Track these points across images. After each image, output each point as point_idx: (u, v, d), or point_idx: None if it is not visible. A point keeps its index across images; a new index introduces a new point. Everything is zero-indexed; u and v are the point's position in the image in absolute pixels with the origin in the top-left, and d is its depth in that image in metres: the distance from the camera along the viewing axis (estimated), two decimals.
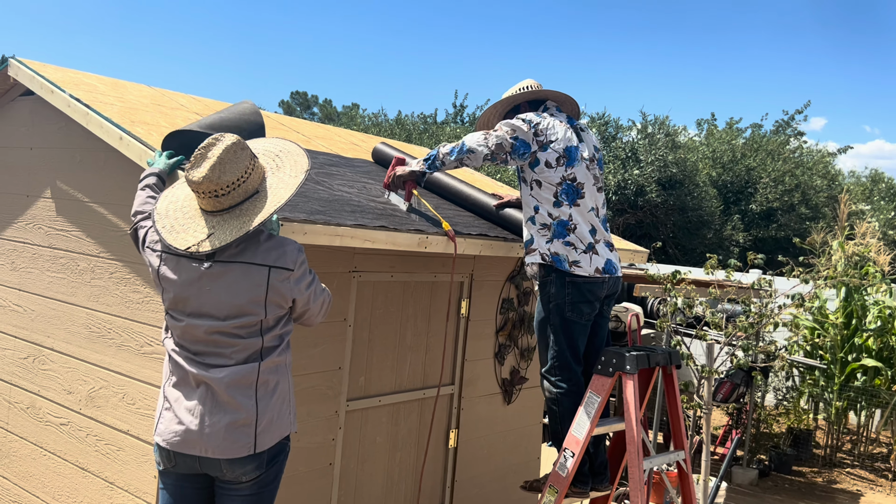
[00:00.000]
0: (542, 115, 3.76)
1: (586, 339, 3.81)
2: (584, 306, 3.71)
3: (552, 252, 3.67)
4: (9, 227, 4.33)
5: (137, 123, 3.55)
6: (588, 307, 3.73)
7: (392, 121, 22.56)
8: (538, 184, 3.70)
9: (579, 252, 3.69)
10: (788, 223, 18.29)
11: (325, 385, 3.77)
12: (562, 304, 3.69)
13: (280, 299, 2.63)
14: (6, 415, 4.24)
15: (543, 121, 3.72)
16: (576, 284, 3.67)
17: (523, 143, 3.65)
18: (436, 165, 3.74)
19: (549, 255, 3.68)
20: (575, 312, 3.69)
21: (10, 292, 4.29)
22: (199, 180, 2.51)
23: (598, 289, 3.74)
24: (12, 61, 4.07)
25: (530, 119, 3.70)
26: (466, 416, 4.58)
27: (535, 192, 3.72)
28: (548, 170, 3.68)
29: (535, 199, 3.72)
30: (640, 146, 16.62)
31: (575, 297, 3.68)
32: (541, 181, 3.69)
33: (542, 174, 3.69)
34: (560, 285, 3.67)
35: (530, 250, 3.74)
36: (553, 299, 3.69)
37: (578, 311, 3.70)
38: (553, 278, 3.68)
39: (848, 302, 8.58)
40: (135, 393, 3.51)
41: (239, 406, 2.57)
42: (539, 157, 3.68)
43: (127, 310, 3.58)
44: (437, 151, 3.73)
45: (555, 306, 3.70)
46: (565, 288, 3.67)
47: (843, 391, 8.54)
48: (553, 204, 3.69)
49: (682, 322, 6.63)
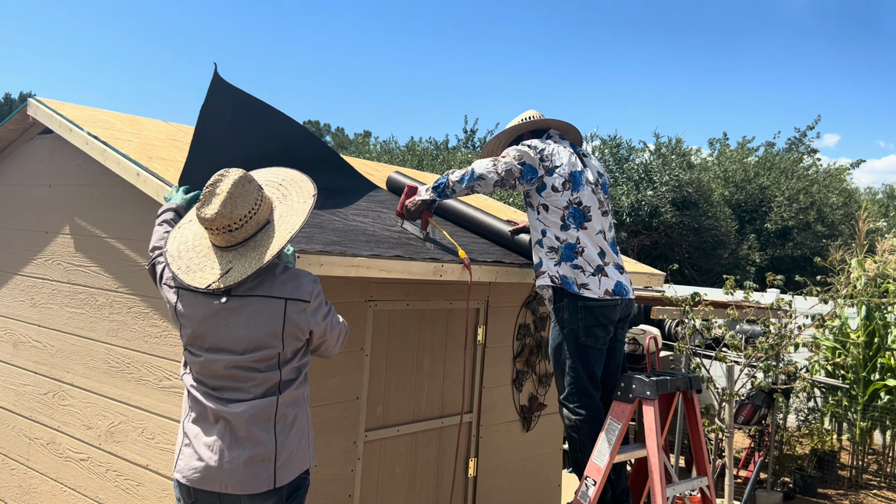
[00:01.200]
0: (547, 142, 3.83)
1: (603, 364, 3.79)
2: (598, 330, 3.70)
3: (560, 275, 3.69)
4: (29, 264, 4.37)
5: (154, 159, 3.59)
6: (602, 331, 3.71)
7: (404, 147, 22.69)
8: (545, 208, 3.74)
9: (587, 275, 3.69)
10: (805, 241, 18.15)
11: (343, 416, 3.76)
12: (576, 329, 3.68)
13: (297, 331, 2.63)
14: (27, 451, 4.25)
15: (548, 147, 3.79)
16: (589, 308, 3.67)
17: (530, 169, 3.71)
18: (446, 193, 3.77)
19: (557, 277, 3.69)
20: (590, 337, 3.68)
21: (30, 328, 4.33)
22: (212, 217, 2.53)
23: (612, 312, 3.73)
24: (31, 101, 4.14)
25: (535, 145, 3.77)
26: (485, 445, 4.55)
27: (542, 216, 3.76)
28: (554, 194, 3.72)
29: (542, 223, 3.76)
30: (654, 167, 16.60)
31: (588, 321, 3.67)
32: (548, 205, 3.73)
33: (549, 198, 3.73)
34: (573, 310, 3.67)
35: (540, 273, 3.76)
36: (567, 324, 3.69)
37: (593, 335, 3.69)
38: (566, 303, 3.68)
39: (869, 321, 8.48)
40: (154, 427, 3.51)
41: (258, 441, 2.57)
42: (545, 182, 3.73)
43: (145, 344, 3.60)
44: (446, 179, 3.76)
45: (569, 331, 3.69)
46: (578, 312, 3.67)
47: (866, 411, 8.41)
48: (560, 227, 3.72)
49: (701, 344, 6.58)
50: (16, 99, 47.63)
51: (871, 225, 12.66)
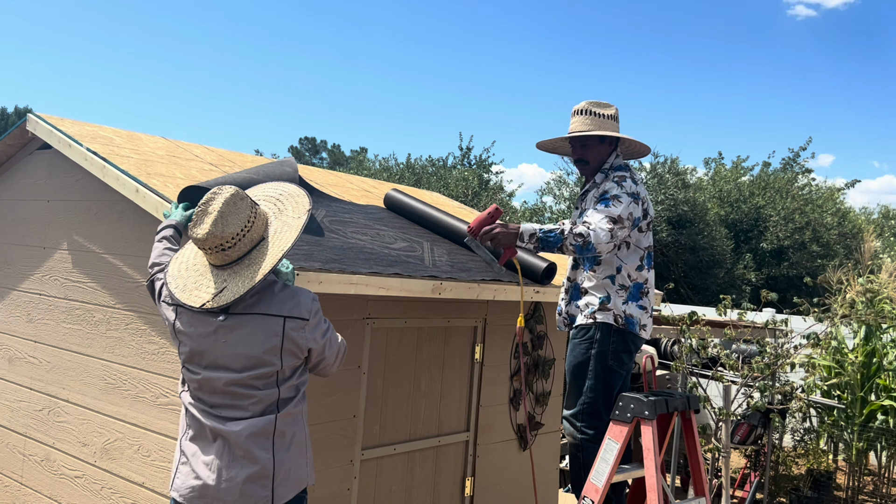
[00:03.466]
0: (637, 182, 3.64)
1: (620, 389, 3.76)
2: (625, 356, 3.65)
3: (627, 314, 3.60)
4: (26, 280, 4.36)
5: (153, 175, 3.59)
6: (628, 357, 3.68)
7: (402, 164, 22.74)
8: (626, 245, 3.62)
9: (648, 316, 3.68)
10: (800, 261, 18.20)
11: (340, 434, 3.75)
12: (605, 352, 3.61)
13: (295, 349, 2.62)
14: (21, 468, 4.22)
15: (641, 191, 3.64)
16: (621, 332, 3.61)
17: (636, 219, 3.57)
18: (551, 249, 3.43)
19: (623, 316, 3.59)
20: (617, 362, 3.63)
21: (25, 344, 4.31)
22: (203, 237, 2.53)
23: (639, 341, 3.71)
24: (31, 116, 4.14)
25: (635, 192, 3.57)
26: (482, 464, 4.53)
27: (622, 254, 3.62)
28: (640, 234, 3.64)
29: (620, 260, 3.62)
30: (650, 186, 16.67)
31: (619, 346, 3.62)
32: (630, 243, 3.62)
33: (634, 237, 3.62)
34: (605, 333, 3.60)
35: (604, 308, 3.60)
36: (596, 346, 3.61)
37: (620, 360, 3.64)
38: (599, 324, 3.61)
39: (868, 341, 8.49)
40: (150, 445, 3.49)
41: (256, 459, 2.55)
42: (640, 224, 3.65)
43: (142, 361, 3.58)
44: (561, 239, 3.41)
45: (597, 353, 3.61)
46: (611, 336, 3.60)
47: (863, 432, 8.40)
48: (637, 268, 3.64)
49: (698, 363, 6.58)
50: (11, 113, 47.61)
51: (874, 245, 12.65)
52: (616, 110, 3.75)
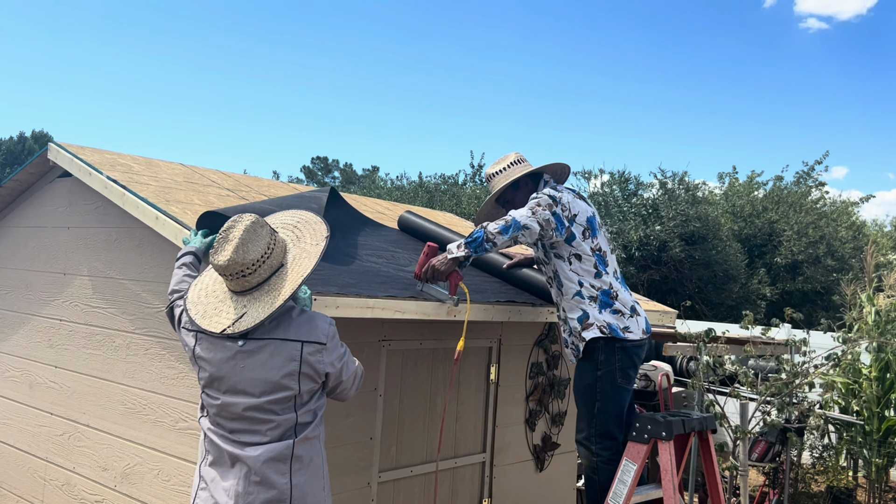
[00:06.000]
0: (559, 190, 3.74)
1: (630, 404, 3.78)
2: (631, 371, 3.70)
3: (606, 322, 3.65)
4: (47, 306, 4.42)
5: (172, 202, 3.65)
6: (634, 372, 3.72)
7: (414, 182, 22.83)
8: (577, 258, 3.69)
9: (627, 318, 3.70)
10: (815, 276, 18.08)
11: (357, 456, 3.76)
12: (613, 371, 3.63)
13: (313, 373, 2.65)
14: (41, 492, 4.26)
15: (563, 196, 3.70)
16: (625, 349, 3.65)
17: (559, 219, 3.63)
18: (484, 247, 3.48)
19: (605, 326, 3.64)
20: (625, 378, 3.66)
21: (46, 369, 4.36)
22: (224, 264, 2.57)
23: (642, 352, 3.75)
24: (52, 146, 4.22)
25: (554, 196, 3.65)
26: (499, 485, 4.53)
27: (576, 267, 3.68)
28: (583, 243, 3.69)
29: (577, 274, 3.68)
30: (661, 202, 16.65)
31: (625, 362, 3.65)
32: (580, 255, 3.69)
33: (579, 247, 3.69)
34: (610, 351, 3.63)
35: (587, 325, 3.65)
36: (603, 366, 3.63)
37: (627, 376, 3.67)
38: (601, 344, 3.63)
39: (881, 357, 8.43)
40: (170, 469, 3.52)
41: (273, 484, 2.58)
42: (573, 232, 3.68)
43: (162, 386, 3.62)
44: (483, 232, 3.48)
45: (605, 374, 3.63)
46: (615, 354, 3.63)
47: (881, 447, 8.32)
48: (594, 275, 3.69)
49: (715, 380, 6.55)
50: (28, 138, 48.16)
51: (881, 259, 12.58)
52: (515, 156, 3.92)
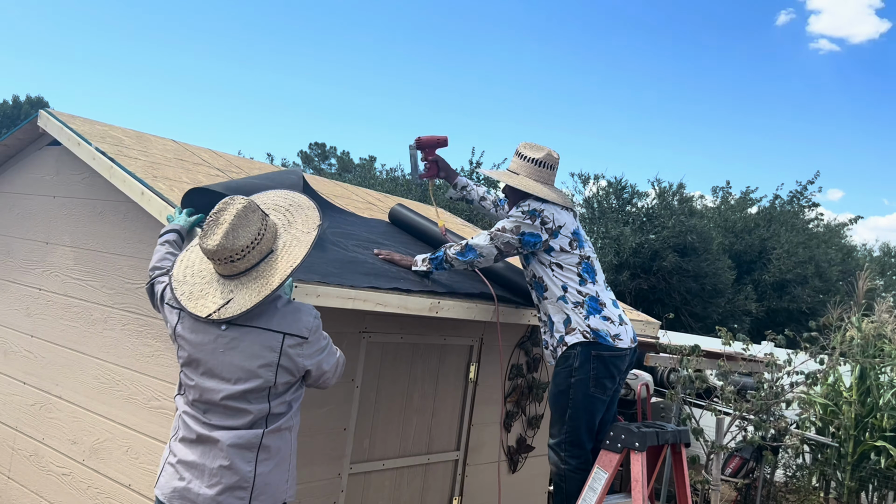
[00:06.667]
0: (544, 204, 3.73)
1: (602, 415, 3.75)
2: (607, 381, 3.65)
3: (593, 328, 3.62)
4: (27, 274, 4.38)
5: (160, 179, 3.61)
6: (611, 382, 3.68)
7: (409, 176, 22.79)
8: (559, 266, 3.69)
9: (617, 325, 3.68)
10: (801, 296, 18.14)
11: (330, 446, 3.74)
12: (585, 380, 3.61)
13: (292, 366, 2.62)
14: (9, 461, 4.22)
15: (546, 208, 3.70)
16: (602, 358, 3.61)
17: (532, 235, 3.65)
18: (443, 266, 3.75)
19: (589, 331, 3.61)
20: (598, 388, 3.62)
21: (22, 338, 4.32)
22: (213, 248, 2.53)
23: (622, 362, 3.70)
24: (42, 112, 4.17)
25: (533, 210, 3.68)
26: (470, 484, 4.51)
27: (558, 273, 3.69)
28: (564, 254, 3.69)
29: (561, 279, 3.68)
30: (656, 211, 16.67)
31: (600, 372, 3.62)
32: (561, 264, 3.69)
33: (560, 258, 3.69)
34: (584, 359, 3.60)
35: (570, 330, 3.64)
36: (576, 374, 3.61)
37: (602, 386, 3.64)
38: (578, 352, 3.61)
39: (864, 380, 8.46)
40: (139, 447, 3.49)
41: (237, 470, 2.56)
42: (552, 245, 3.68)
43: (137, 362, 3.59)
44: (443, 253, 3.74)
45: (578, 381, 3.61)
46: (590, 362, 3.60)
47: (855, 471, 8.36)
48: (579, 282, 3.68)
49: (692, 393, 6.56)
50: (24, 102, 47.75)
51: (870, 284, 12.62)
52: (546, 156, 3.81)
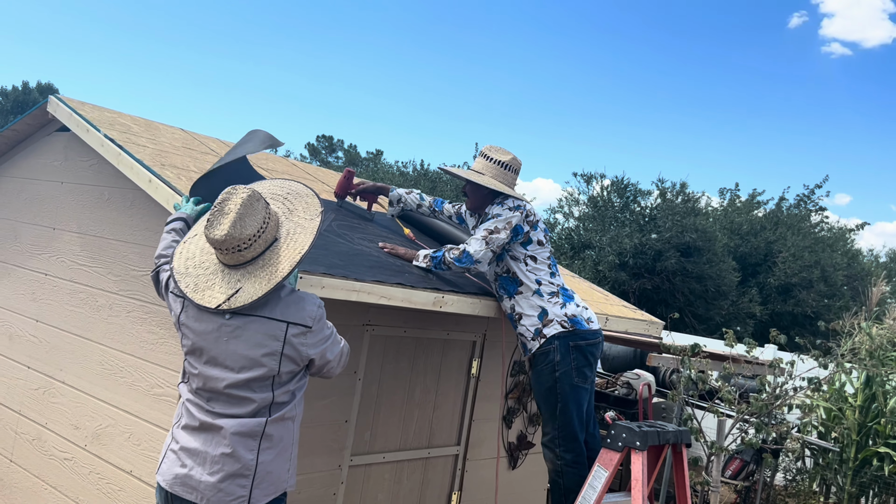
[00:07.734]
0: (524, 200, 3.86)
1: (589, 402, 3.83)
2: (587, 370, 3.75)
3: (570, 315, 3.72)
4: (33, 258, 4.39)
5: (167, 167, 3.62)
6: (590, 371, 3.78)
7: (419, 170, 22.80)
8: (533, 259, 3.80)
9: (587, 311, 3.84)
10: (806, 300, 18.10)
11: (331, 438, 3.75)
12: (569, 371, 3.67)
13: (295, 355, 2.63)
14: (12, 445, 4.24)
15: (526, 204, 3.83)
16: (580, 349, 3.71)
17: (518, 227, 3.76)
18: (441, 268, 3.79)
19: (567, 320, 3.71)
20: (581, 377, 3.71)
21: (27, 322, 4.33)
22: (221, 238, 2.53)
23: (597, 349, 3.81)
24: (52, 98, 4.18)
25: (518, 205, 3.79)
26: (470, 479, 4.52)
27: (532, 267, 3.80)
28: (539, 247, 3.82)
29: (535, 273, 3.79)
30: (659, 211, 16.64)
31: (580, 361, 3.70)
32: (535, 256, 3.81)
33: (535, 251, 3.81)
34: (565, 352, 3.68)
35: (547, 322, 3.71)
36: (559, 368, 3.68)
37: (584, 375, 3.72)
38: (557, 345, 3.68)
39: (869, 386, 8.44)
40: (141, 433, 3.50)
41: (239, 458, 2.57)
42: (532, 237, 3.81)
43: (141, 349, 3.60)
44: (442, 256, 3.76)
45: (562, 374, 3.68)
46: (570, 354, 3.68)
47: (856, 476, 8.34)
48: (550, 275, 3.82)
49: (694, 394, 6.55)
50: (33, 88, 47.83)
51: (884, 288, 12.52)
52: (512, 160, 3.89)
